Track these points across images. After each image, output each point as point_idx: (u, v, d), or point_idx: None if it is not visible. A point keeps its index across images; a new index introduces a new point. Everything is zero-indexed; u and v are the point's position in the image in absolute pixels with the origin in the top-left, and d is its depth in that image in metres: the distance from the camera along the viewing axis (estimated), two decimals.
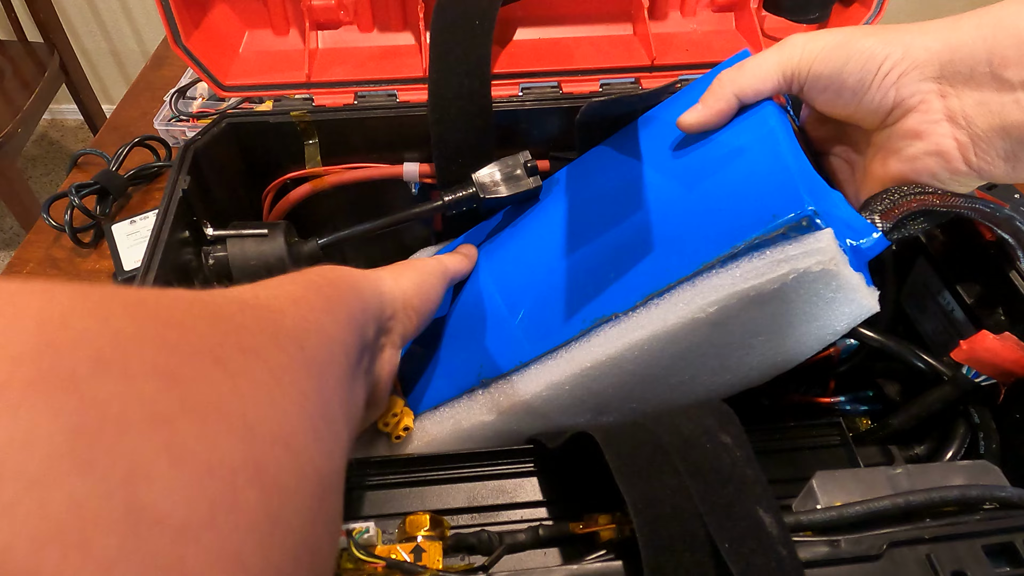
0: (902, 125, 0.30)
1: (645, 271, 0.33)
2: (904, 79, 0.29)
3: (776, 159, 0.31)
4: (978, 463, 0.31)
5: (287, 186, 0.53)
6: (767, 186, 0.30)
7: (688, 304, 0.30)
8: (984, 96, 0.27)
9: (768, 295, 0.29)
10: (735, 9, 0.56)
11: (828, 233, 0.28)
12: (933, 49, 0.28)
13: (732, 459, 0.26)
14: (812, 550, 0.26)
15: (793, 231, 0.28)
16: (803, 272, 0.28)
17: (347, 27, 0.55)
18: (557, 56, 0.54)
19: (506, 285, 0.41)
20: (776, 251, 0.28)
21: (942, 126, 0.29)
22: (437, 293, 0.38)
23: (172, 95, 0.72)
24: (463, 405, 0.39)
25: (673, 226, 0.33)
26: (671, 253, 0.32)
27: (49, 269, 0.64)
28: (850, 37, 0.30)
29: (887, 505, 0.28)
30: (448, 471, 0.34)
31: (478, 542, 0.30)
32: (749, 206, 0.30)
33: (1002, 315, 0.38)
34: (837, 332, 0.30)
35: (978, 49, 0.27)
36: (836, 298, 0.29)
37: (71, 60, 1.46)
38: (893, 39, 0.29)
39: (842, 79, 0.30)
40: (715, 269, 0.30)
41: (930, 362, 0.37)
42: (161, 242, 0.40)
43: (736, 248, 0.29)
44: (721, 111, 0.33)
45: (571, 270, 0.37)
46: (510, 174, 0.45)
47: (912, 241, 0.44)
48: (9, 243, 1.71)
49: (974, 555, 0.26)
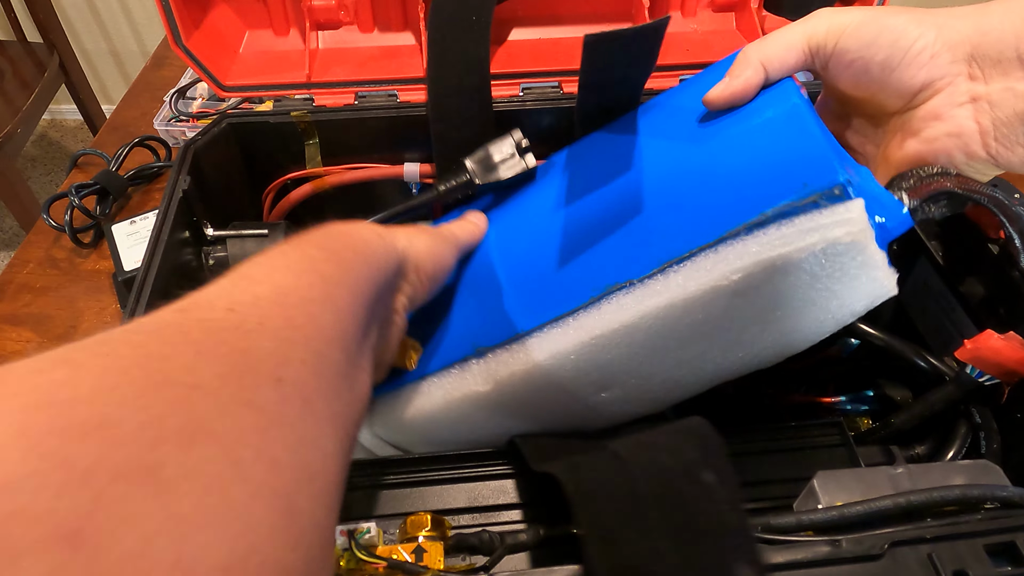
0: (927, 106, 0.30)
1: (662, 237, 0.31)
2: (936, 60, 0.29)
3: (805, 129, 0.30)
4: (979, 463, 0.31)
5: (287, 186, 0.53)
6: (798, 154, 0.29)
7: (710, 271, 0.29)
8: (1010, 82, 0.27)
9: (794, 265, 0.28)
10: (735, 9, 0.56)
11: (859, 203, 0.27)
12: (964, 32, 0.28)
13: (715, 504, 0.25)
14: (813, 550, 0.26)
15: (824, 200, 0.27)
16: (832, 242, 0.27)
17: (347, 27, 0.55)
18: (557, 56, 0.54)
19: (507, 253, 0.39)
20: (805, 219, 0.28)
21: (966, 108, 0.29)
22: (449, 260, 0.36)
23: (172, 95, 0.72)
24: (454, 375, 0.36)
25: (693, 193, 0.32)
26: (692, 219, 0.31)
27: (49, 269, 0.64)
28: (881, 14, 0.30)
29: (888, 505, 0.28)
30: (449, 471, 0.34)
31: (479, 542, 0.30)
32: (779, 173, 0.29)
33: (1004, 315, 0.38)
34: (855, 313, 0.29)
35: (1007, 34, 0.27)
36: (859, 275, 0.28)
37: (71, 60, 1.46)
38: (925, 19, 0.29)
39: (871, 55, 0.30)
40: (741, 236, 0.29)
41: (933, 362, 0.37)
42: (161, 242, 0.40)
43: (764, 215, 0.28)
44: (749, 80, 0.32)
45: (578, 237, 0.35)
46: (503, 156, 0.43)
47: (913, 241, 0.44)
48: (9, 243, 1.71)
49: (975, 554, 0.26)
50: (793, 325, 0.30)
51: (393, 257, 0.30)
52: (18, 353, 0.57)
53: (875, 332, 0.39)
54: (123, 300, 0.60)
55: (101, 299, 0.61)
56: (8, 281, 0.63)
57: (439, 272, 0.35)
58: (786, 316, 0.29)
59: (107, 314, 0.60)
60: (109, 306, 0.61)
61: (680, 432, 0.28)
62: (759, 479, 0.35)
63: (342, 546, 0.29)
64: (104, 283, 0.62)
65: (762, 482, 0.35)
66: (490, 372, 0.35)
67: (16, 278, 0.63)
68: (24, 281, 0.63)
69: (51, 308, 0.60)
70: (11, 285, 0.62)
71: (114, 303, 0.61)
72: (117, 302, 0.61)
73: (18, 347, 0.58)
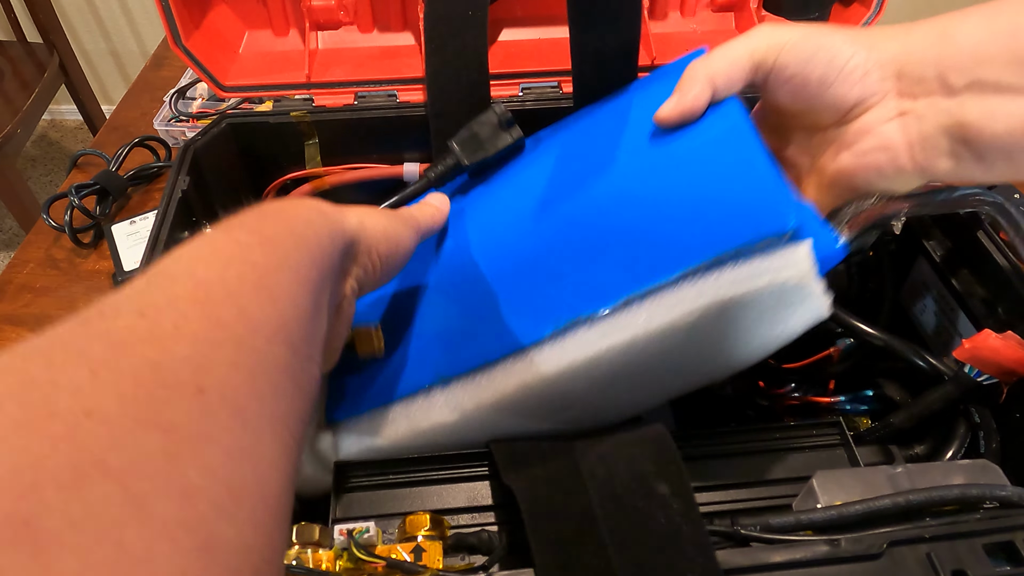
0: (859, 121, 0.31)
1: (622, 271, 0.32)
2: (867, 77, 0.30)
3: (756, 167, 0.31)
4: (978, 462, 0.31)
5: (287, 186, 0.53)
6: (753, 198, 0.31)
7: (671, 310, 0.31)
8: (933, 98, 0.29)
9: (746, 302, 0.30)
10: (735, 9, 0.56)
11: (806, 247, 0.30)
12: (892, 52, 0.30)
13: (667, 516, 0.25)
14: (812, 549, 0.26)
15: (776, 243, 0.30)
16: (782, 283, 0.29)
17: (347, 27, 0.55)
18: (557, 56, 0.54)
19: (471, 277, 0.38)
20: (758, 261, 0.30)
21: (894, 123, 0.30)
22: (407, 243, 0.34)
23: (172, 95, 0.72)
24: (419, 405, 0.36)
25: (653, 228, 0.33)
26: (651, 253, 0.32)
27: (49, 270, 0.64)
28: (817, 32, 0.31)
29: (887, 504, 0.28)
30: (448, 471, 0.34)
31: (478, 542, 0.30)
32: (734, 214, 0.31)
33: (1002, 314, 0.38)
34: (796, 334, 0.31)
35: (928, 54, 0.29)
36: (802, 305, 0.30)
37: (70, 60, 1.46)
38: (858, 39, 0.31)
39: (808, 71, 0.31)
40: (698, 275, 0.31)
41: (931, 361, 0.37)
42: (160, 242, 0.40)
43: (720, 256, 0.30)
44: (697, 97, 0.33)
45: (539, 266, 0.35)
46: (488, 132, 0.43)
47: (912, 241, 0.44)
48: (9, 243, 1.71)
49: (974, 554, 0.26)
50: (741, 349, 0.32)
51: (340, 238, 0.28)
52: None
53: (874, 332, 0.39)
54: None
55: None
56: (8, 281, 0.63)
57: (395, 255, 0.33)
58: (736, 343, 0.32)
59: None
60: None
61: (638, 444, 0.29)
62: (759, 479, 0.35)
63: (341, 545, 0.29)
64: (104, 283, 0.62)
65: (761, 482, 0.35)
66: (456, 403, 0.35)
67: (16, 278, 0.63)
68: (24, 281, 0.63)
69: (51, 308, 0.60)
70: (11, 285, 0.62)
71: None
72: None
73: None
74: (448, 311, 0.38)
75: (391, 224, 0.33)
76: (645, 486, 0.26)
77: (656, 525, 0.25)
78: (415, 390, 0.36)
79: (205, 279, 0.20)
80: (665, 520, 0.25)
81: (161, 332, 0.18)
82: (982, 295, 0.39)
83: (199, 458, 0.16)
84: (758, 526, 0.29)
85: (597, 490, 0.27)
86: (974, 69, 0.28)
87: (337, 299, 0.30)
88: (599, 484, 0.27)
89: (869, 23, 0.52)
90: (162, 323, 0.18)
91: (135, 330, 0.17)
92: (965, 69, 0.28)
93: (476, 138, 0.43)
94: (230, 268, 0.21)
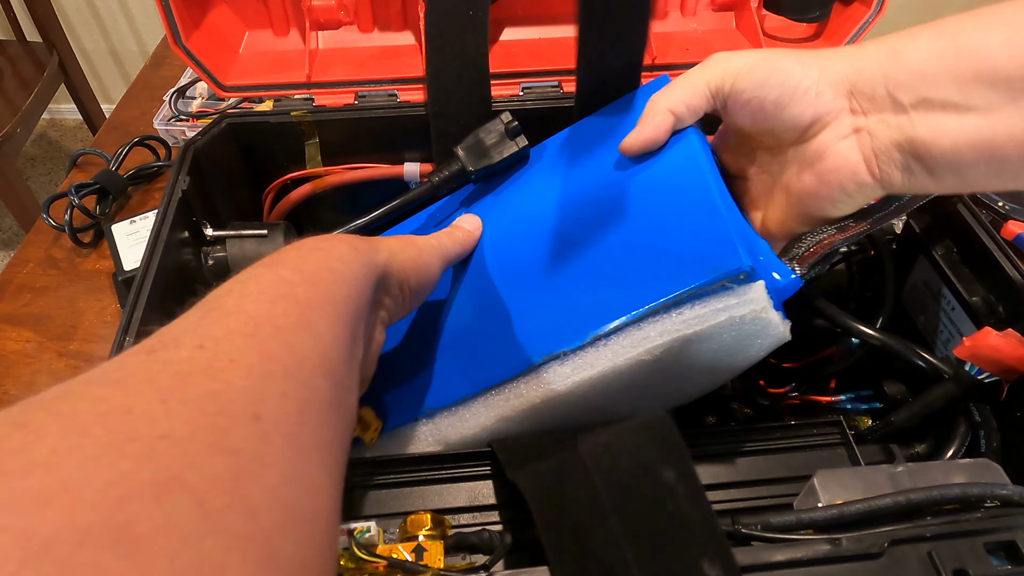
0: (817, 139, 0.32)
1: (589, 310, 0.35)
2: (821, 97, 0.32)
3: (712, 209, 0.34)
4: (979, 461, 0.31)
5: (287, 186, 0.53)
6: (708, 238, 0.33)
7: (636, 347, 0.33)
8: (884, 114, 0.30)
9: (707, 337, 0.32)
10: (735, 8, 0.56)
11: (760, 285, 0.32)
12: (842, 72, 0.31)
13: (675, 502, 0.25)
14: (813, 548, 0.26)
15: (732, 283, 0.32)
16: (739, 319, 0.31)
17: (347, 27, 0.55)
18: (558, 56, 0.54)
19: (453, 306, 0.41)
20: (716, 300, 0.32)
21: (851, 140, 0.31)
22: (434, 273, 0.35)
23: (172, 95, 0.72)
24: (405, 435, 0.38)
25: (617, 267, 0.35)
26: (615, 291, 0.35)
27: (49, 269, 0.64)
28: (769, 56, 0.33)
29: (888, 503, 0.28)
30: (449, 470, 0.34)
31: (479, 541, 0.30)
32: (692, 255, 0.33)
33: (1003, 313, 0.38)
34: (758, 358, 0.34)
35: (876, 73, 0.30)
36: (761, 335, 0.32)
37: (70, 60, 1.46)
38: (809, 60, 0.32)
39: (763, 94, 0.32)
40: (660, 314, 0.33)
41: (930, 360, 0.37)
42: (160, 242, 0.40)
43: (680, 296, 0.32)
44: (659, 127, 0.35)
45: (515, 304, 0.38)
46: (494, 140, 0.44)
47: (913, 241, 0.44)
48: (9, 243, 1.71)
49: (975, 553, 0.26)
50: (706, 376, 0.35)
51: (373, 272, 0.29)
52: (18, 352, 0.57)
53: (872, 332, 0.39)
54: (123, 300, 0.60)
55: (101, 299, 0.61)
56: (8, 281, 0.63)
57: (423, 286, 0.34)
58: (700, 372, 0.35)
59: (107, 313, 0.60)
60: (109, 306, 0.61)
61: (640, 431, 0.29)
62: (759, 478, 0.35)
63: (342, 545, 0.29)
64: (104, 283, 0.62)
65: (762, 481, 0.35)
66: (442, 434, 0.37)
67: (16, 278, 0.63)
68: (24, 281, 0.63)
69: (51, 308, 0.60)
70: (11, 285, 0.62)
71: (114, 303, 0.61)
72: (117, 302, 0.61)
73: (18, 346, 0.58)
74: (431, 346, 0.40)
75: (420, 255, 0.34)
76: (651, 473, 0.26)
77: (664, 512, 0.25)
78: (401, 422, 0.39)
79: (255, 314, 0.22)
80: (673, 507, 0.25)
81: (220, 365, 0.19)
82: (983, 294, 0.39)
83: (260, 480, 0.17)
84: (759, 525, 0.29)
85: (603, 480, 0.27)
86: (921, 87, 0.29)
87: (370, 330, 0.31)
88: (604, 474, 0.27)
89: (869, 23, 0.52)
90: (220, 356, 0.20)
91: (196, 362, 0.19)
92: (913, 87, 0.29)
93: (481, 145, 0.44)
94: (277, 305, 0.23)
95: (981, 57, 0.27)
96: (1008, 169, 0.28)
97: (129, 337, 0.35)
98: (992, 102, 0.27)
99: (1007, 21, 0.27)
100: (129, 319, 0.36)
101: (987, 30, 0.28)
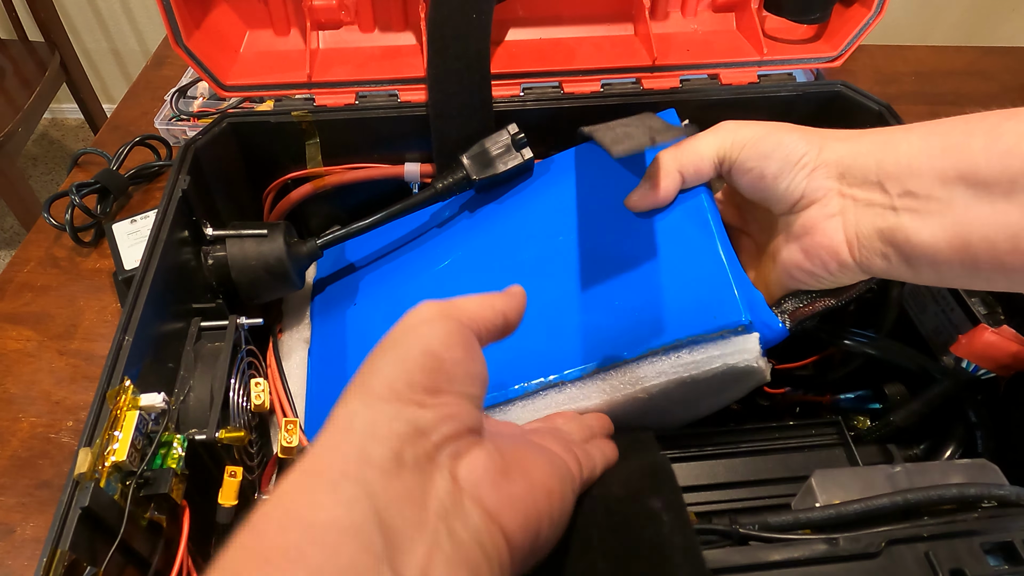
0: (805, 214, 0.33)
1: (591, 344, 0.36)
2: (814, 174, 0.33)
3: (717, 261, 0.35)
4: (976, 461, 0.31)
5: (288, 186, 0.53)
6: (711, 290, 0.35)
7: (633, 385, 0.35)
8: (871, 200, 0.31)
9: (700, 380, 0.34)
10: (736, 9, 0.56)
11: (755, 337, 0.34)
12: (839, 153, 0.32)
13: (659, 527, 0.26)
14: (811, 548, 0.26)
15: (729, 333, 0.34)
16: (733, 366, 0.33)
17: (348, 27, 0.55)
18: (558, 56, 0.54)
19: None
20: (713, 347, 0.34)
21: (836, 220, 0.32)
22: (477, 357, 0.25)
23: (173, 94, 0.72)
24: None
25: (620, 304, 0.37)
26: (618, 331, 0.36)
27: (50, 268, 0.64)
28: (776, 130, 0.34)
29: (886, 503, 0.28)
30: None
31: None
32: (695, 304, 0.35)
33: (1001, 314, 0.38)
34: (741, 395, 0.37)
35: (870, 160, 0.31)
36: (748, 378, 0.35)
37: (72, 59, 1.46)
38: (812, 139, 0.33)
39: (764, 166, 0.34)
40: (659, 356, 0.35)
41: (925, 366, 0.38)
42: (160, 242, 0.40)
43: (679, 341, 0.34)
44: (668, 188, 0.37)
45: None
46: (499, 150, 0.44)
47: None
48: (9, 242, 1.71)
49: (972, 553, 0.26)
50: (693, 410, 0.38)
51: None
52: (19, 351, 0.57)
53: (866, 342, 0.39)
54: (123, 299, 0.60)
55: (102, 298, 0.61)
56: (9, 280, 0.63)
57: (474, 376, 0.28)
58: (688, 408, 0.37)
59: (107, 313, 0.60)
60: (109, 305, 0.61)
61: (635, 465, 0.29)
62: (758, 478, 0.35)
63: None
64: (105, 282, 0.62)
65: (760, 481, 0.35)
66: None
67: (17, 277, 0.63)
68: (25, 280, 0.63)
69: (52, 307, 0.61)
70: (12, 284, 0.62)
71: (114, 302, 0.61)
72: (117, 301, 0.61)
73: (19, 345, 0.58)
74: None
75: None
76: (638, 500, 0.27)
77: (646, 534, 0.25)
78: None
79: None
80: (656, 530, 0.25)
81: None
82: (982, 295, 0.39)
83: None
84: (757, 525, 0.29)
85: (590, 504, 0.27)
86: (907, 180, 0.30)
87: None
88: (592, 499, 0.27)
89: (870, 24, 0.52)
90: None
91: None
92: (900, 179, 0.30)
93: (487, 154, 0.44)
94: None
95: (963, 158, 0.28)
96: (980, 271, 0.29)
97: (128, 336, 0.35)
98: (969, 202, 0.28)
99: (990, 128, 0.28)
100: (128, 318, 0.36)
101: (971, 134, 0.29)
